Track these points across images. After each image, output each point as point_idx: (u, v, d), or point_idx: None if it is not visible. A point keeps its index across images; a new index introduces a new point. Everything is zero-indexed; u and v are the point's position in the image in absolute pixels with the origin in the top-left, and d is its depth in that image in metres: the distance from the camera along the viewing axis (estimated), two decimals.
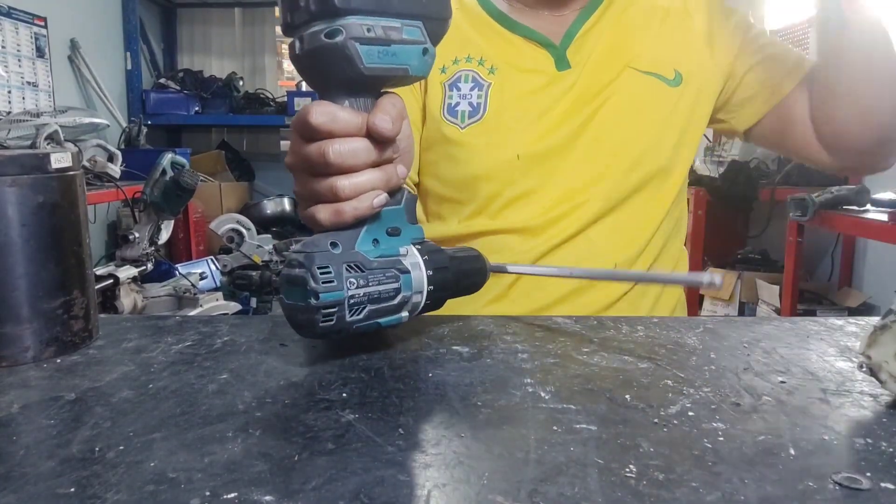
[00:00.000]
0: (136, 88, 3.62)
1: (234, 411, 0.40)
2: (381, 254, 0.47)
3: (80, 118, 2.37)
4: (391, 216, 0.49)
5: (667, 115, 0.81)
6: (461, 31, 0.85)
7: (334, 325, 0.44)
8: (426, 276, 0.49)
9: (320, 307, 0.43)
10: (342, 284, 0.44)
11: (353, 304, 0.45)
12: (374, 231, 0.48)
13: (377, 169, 0.46)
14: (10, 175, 0.47)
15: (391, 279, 0.47)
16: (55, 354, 0.50)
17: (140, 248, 1.87)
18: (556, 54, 0.82)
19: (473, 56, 0.83)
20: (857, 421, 0.40)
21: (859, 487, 0.32)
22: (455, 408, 0.41)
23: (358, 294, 0.45)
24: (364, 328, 0.47)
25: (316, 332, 0.45)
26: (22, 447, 0.36)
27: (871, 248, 2.65)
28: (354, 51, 0.42)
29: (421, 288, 0.49)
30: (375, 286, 0.46)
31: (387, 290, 0.47)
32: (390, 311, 0.47)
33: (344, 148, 0.44)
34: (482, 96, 0.81)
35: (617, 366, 0.49)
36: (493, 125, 0.80)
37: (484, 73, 0.82)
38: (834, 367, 0.49)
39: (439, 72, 0.84)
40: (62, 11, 2.93)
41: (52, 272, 0.50)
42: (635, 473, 0.33)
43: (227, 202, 3.63)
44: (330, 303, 0.44)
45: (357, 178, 0.44)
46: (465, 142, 0.81)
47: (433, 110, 0.83)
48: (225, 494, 0.31)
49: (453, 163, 0.82)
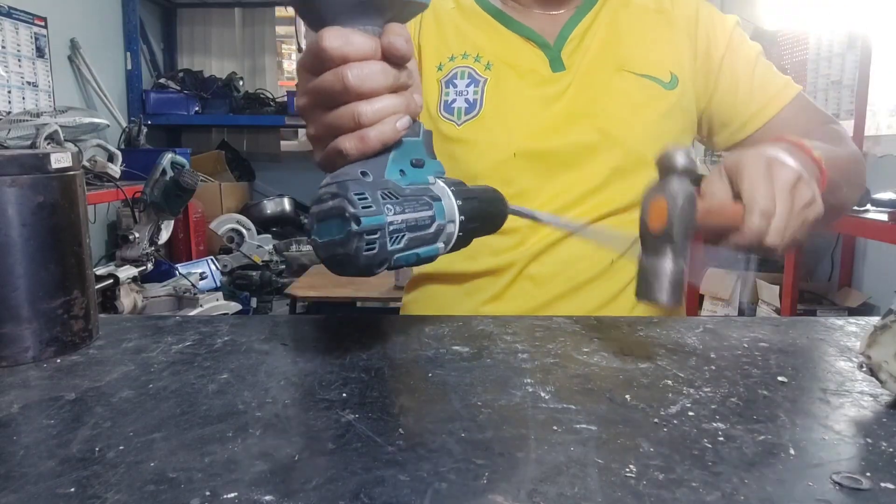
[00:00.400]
0: (136, 88, 3.62)
1: (234, 411, 0.40)
2: (410, 182, 0.46)
3: (80, 118, 2.37)
4: (413, 148, 0.47)
5: (665, 118, 0.81)
6: (458, 29, 0.85)
7: (377, 254, 0.42)
8: (456, 205, 0.48)
9: (363, 232, 0.41)
10: (381, 209, 0.42)
11: (393, 231, 0.42)
12: (399, 161, 0.46)
13: (396, 94, 0.44)
14: (10, 175, 0.47)
15: (425, 206, 0.45)
16: (55, 354, 0.50)
17: (140, 248, 1.87)
18: (550, 55, 0.82)
19: (470, 53, 0.83)
20: (857, 421, 0.40)
21: (859, 487, 0.32)
22: (455, 408, 0.41)
23: (396, 220, 0.43)
24: (404, 259, 0.45)
25: (360, 265, 0.42)
26: (22, 447, 0.36)
27: (871, 248, 2.65)
28: None
29: (453, 217, 0.47)
30: (412, 213, 0.44)
31: (422, 218, 0.45)
32: (427, 241, 0.45)
33: (363, 71, 0.42)
34: (478, 92, 0.81)
35: (617, 366, 0.49)
36: (490, 121, 0.80)
37: (480, 69, 0.82)
38: (834, 367, 0.49)
39: (436, 69, 0.84)
40: (62, 11, 2.93)
41: (52, 272, 0.50)
42: (635, 473, 0.33)
43: (227, 202, 3.63)
44: (372, 227, 0.41)
45: (379, 103, 0.43)
46: (463, 138, 0.81)
47: (430, 108, 0.83)
48: (225, 494, 0.31)
49: (451, 161, 0.82)
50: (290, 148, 4.30)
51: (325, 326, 0.59)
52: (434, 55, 0.85)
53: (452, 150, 0.82)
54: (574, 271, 0.79)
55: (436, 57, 0.84)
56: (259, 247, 3.30)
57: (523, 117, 0.80)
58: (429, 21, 0.86)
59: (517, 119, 0.80)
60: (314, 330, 0.58)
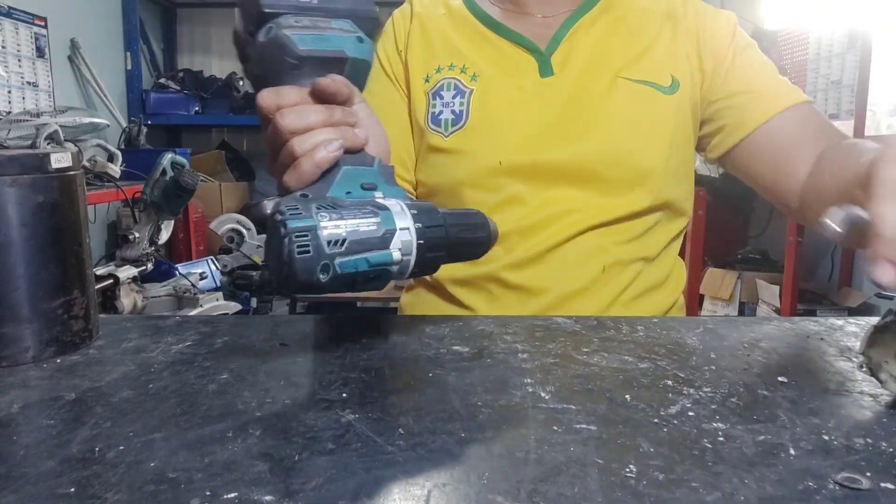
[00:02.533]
0: (136, 88, 3.62)
1: (234, 411, 0.40)
2: (355, 198, 0.47)
3: (80, 118, 2.37)
4: (363, 175, 0.48)
5: (662, 125, 0.79)
6: (446, 40, 0.84)
7: (313, 257, 0.42)
8: (410, 214, 0.46)
9: (291, 233, 0.41)
10: (311, 214, 0.42)
11: (330, 236, 0.42)
12: (345, 185, 0.47)
13: (331, 128, 0.48)
14: (10, 175, 0.47)
15: (368, 214, 0.45)
16: (55, 354, 0.50)
17: (140, 248, 1.87)
18: (540, 60, 0.80)
19: (456, 64, 0.82)
20: (857, 421, 0.40)
21: (859, 487, 0.32)
22: (455, 408, 0.41)
23: (330, 225, 0.43)
24: (351, 265, 0.43)
25: (296, 269, 0.41)
26: (22, 447, 0.36)
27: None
28: (287, 38, 0.48)
29: (406, 224, 0.46)
30: (352, 219, 0.44)
31: (366, 223, 0.44)
32: (375, 246, 0.44)
33: (291, 112, 0.47)
34: (464, 103, 0.81)
35: (617, 366, 0.49)
36: (476, 132, 0.79)
37: (466, 80, 0.81)
38: (834, 367, 0.49)
39: (423, 81, 0.83)
40: (62, 11, 2.93)
41: (52, 272, 0.50)
42: (635, 473, 0.33)
43: (227, 202, 3.62)
44: (300, 228, 0.41)
45: (311, 137, 0.47)
46: (450, 149, 0.80)
47: (419, 121, 0.83)
48: (225, 494, 0.31)
49: (439, 171, 0.82)
50: None
51: (325, 326, 0.59)
52: (421, 67, 0.84)
53: (441, 161, 0.81)
54: (566, 279, 0.78)
55: (423, 69, 0.84)
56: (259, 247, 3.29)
57: (511, 126, 0.79)
58: (416, 34, 0.86)
59: (504, 128, 0.79)
60: (314, 330, 0.58)
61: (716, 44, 0.81)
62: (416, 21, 0.87)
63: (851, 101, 2.59)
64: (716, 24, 0.82)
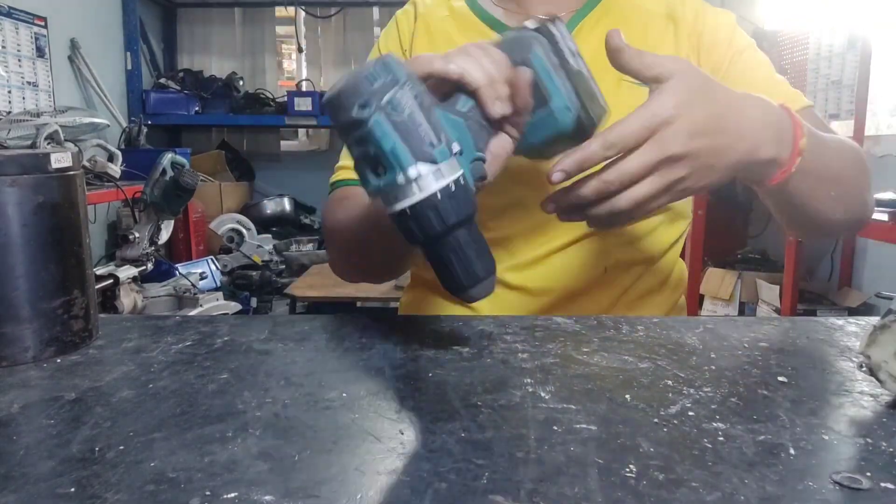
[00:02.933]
0: (137, 88, 3.62)
1: (234, 411, 0.40)
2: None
3: (80, 118, 2.37)
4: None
5: None
6: (450, 41, 0.83)
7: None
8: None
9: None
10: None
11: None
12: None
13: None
14: (10, 175, 0.47)
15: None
16: (55, 354, 0.50)
17: (140, 248, 1.87)
18: None
19: None
20: (857, 421, 0.40)
21: (859, 487, 0.32)
22: (455, 408, 0.41)
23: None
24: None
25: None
26: (22, 447, 0.36)
27: (871, 248, 2.65)
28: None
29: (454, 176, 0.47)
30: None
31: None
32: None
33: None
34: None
35: (617, 366, 0.49)
36: None
37: None
38: (834, 367, 0.49)
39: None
40: (62, 11, 2.93)
41: (52, 272, 0.50)
42: (635, 473, 0.33)
43: (227, 202, 3.62)
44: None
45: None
46: None
47: None
48: (225, 494, 0.31)
49: None
50: (290, 148, 4.30)
51: (325, 326, 0.59)
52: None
53: None
54: (568, 281, 0.78)
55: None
56: (259, 247, 3.30)
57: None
58: (420, 34, 0.85)
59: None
60: (314, 330, 0.58)
61: (715, 45, 0.81)
62: (420, 21, 0.86)
63: (851, 101, 2.59)
64: (715, 25, 0.82)
